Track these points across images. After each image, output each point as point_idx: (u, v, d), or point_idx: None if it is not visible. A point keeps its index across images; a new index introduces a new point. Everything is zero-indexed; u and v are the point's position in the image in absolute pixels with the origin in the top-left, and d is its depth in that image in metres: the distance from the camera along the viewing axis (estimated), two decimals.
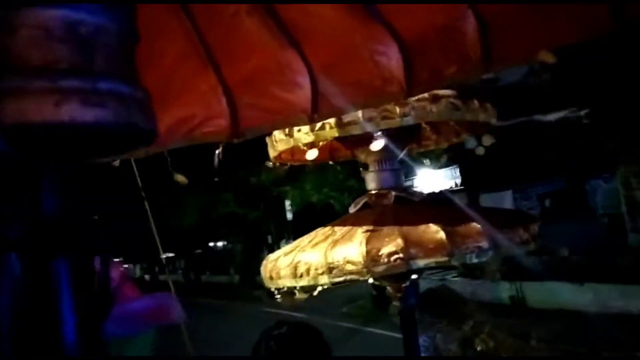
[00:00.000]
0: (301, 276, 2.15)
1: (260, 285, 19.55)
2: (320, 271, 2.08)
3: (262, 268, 2.54)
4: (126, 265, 47.12)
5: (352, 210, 2.72)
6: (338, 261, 2.03)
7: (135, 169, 2.50)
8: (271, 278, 2.31)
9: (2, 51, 0.49)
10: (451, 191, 11.94)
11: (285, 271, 2.22)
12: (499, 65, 1.57)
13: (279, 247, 19.17)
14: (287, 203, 18.28)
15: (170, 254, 36.16)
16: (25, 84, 0.49)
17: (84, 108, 0.51)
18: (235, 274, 25.95)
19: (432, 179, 13.41)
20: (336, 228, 2.43)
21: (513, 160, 11.13)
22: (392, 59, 1.61)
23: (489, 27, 1.49)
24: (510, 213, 2.43)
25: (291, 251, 2.40)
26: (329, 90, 1.74)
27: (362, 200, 2.66)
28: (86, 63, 0.54)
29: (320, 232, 2.47)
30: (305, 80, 1.70)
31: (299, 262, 2.19)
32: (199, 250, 35.69)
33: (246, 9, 1.41)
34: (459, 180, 13.57)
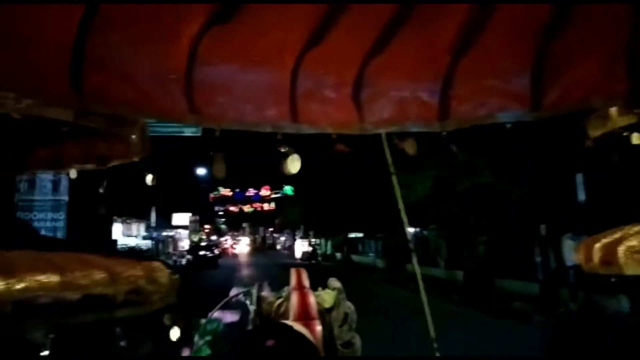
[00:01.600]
0: None
1: (509, 295, 13.33)
2: None
3: (593, 252, 2.04)
4: (315, 240, 43.65)
5: None
6: None
7: None
8: (606, 264, 1.81)
9: None
10: None
11: (633, 259, 1.71)
12: None
13: (558, 243, 12.68)
14: (580, 180, 11.82)
15: (359, 234, 32.85)
16: None
17: None
18: (448, 268, 19.37)
19: None
20: None
21: None
22: None
23: None
24: None
25: (632, 236, 1.87)
26: None
27: None
28: None
29: None
30: None
31: None
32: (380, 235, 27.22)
33: None
34: None
